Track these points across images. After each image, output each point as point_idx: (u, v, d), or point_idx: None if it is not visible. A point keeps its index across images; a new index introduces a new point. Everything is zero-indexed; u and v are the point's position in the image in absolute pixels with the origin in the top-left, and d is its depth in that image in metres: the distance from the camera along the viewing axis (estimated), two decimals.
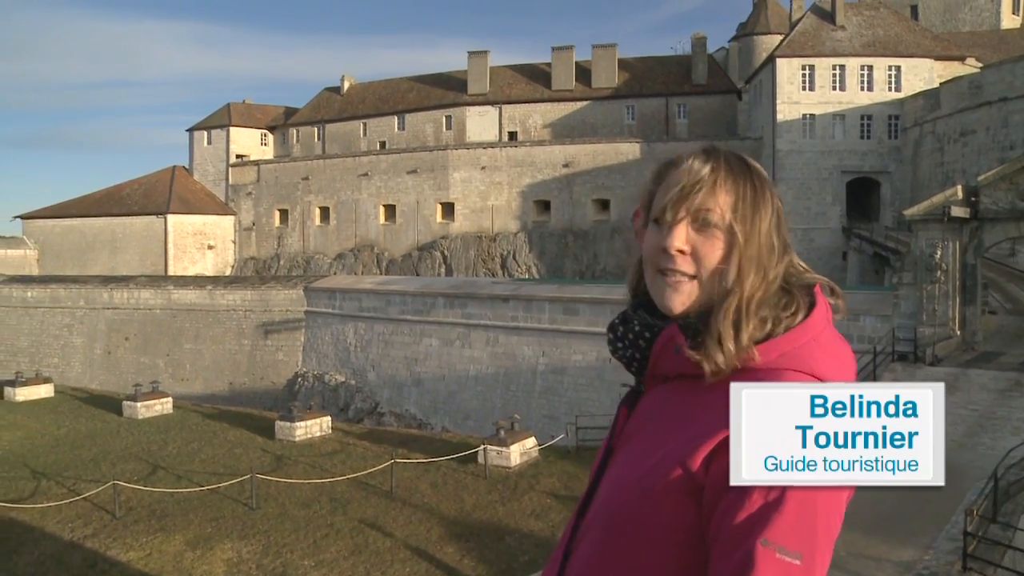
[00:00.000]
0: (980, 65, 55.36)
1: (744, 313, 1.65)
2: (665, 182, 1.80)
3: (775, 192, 1.77)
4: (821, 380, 1.62)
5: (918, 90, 54.90)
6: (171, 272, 69.19)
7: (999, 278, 40.12)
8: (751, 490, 1.49)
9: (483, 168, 67.06)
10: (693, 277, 1.70)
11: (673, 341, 1.72)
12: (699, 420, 1.60)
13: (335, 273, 64.55)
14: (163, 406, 33.40)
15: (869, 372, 25.58)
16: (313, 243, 73.26)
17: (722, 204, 1.70)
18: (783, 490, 1.49)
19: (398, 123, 76.86)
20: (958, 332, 29.71)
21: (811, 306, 1.72)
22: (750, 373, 1.61)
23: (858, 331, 31.20)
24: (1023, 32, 72.42)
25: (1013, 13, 78.48)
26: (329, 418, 30.08)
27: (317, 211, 73.62)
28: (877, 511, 13.94)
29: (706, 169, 1.73)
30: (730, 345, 1.62)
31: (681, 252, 1.70)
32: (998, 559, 13.29)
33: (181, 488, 22.59)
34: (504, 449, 23.99)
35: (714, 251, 1.69)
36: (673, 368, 1.73)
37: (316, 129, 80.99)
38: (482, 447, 24.18)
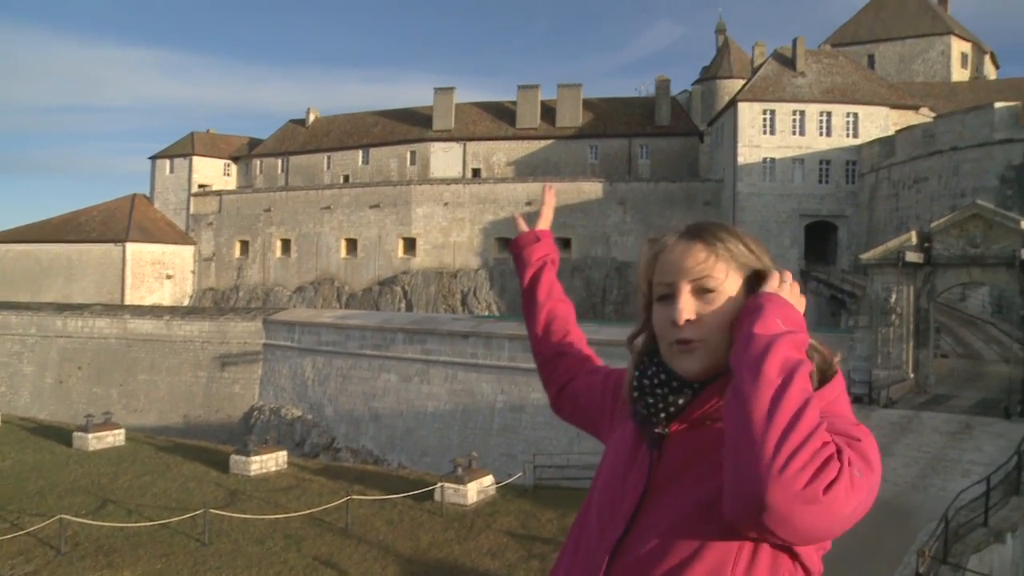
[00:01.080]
0: (933, 115, 56.72)
1: None
2: (659, 262, 1.95)
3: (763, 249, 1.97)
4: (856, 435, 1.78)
5: (874, 137, 56.13)
6: (128, 301, 68.26)
7: (950, 322, 40.80)
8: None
9: (446, 204, 67.23)
10: (702, 341, 1.86)
11: None
12: None
13: (295, 306, 64.14)
14: (115, 438, 32.77)
15: None
16: (273, 275, 72.81)
17: (718, 270, 1.87)
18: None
19: (362, 157, 76.95)
20: (911, 375, 30.17)
21: (831, 360, 1.90)
22: None
23: None
24: (972, 85, 74.49)
25: (962, 67, 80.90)
26: (285, 453, 29.73)
27: (278, 243, 73.27)
28: (832, 552, 13.97)
29: (695, 242, 1.91)
30: None
31: (689, 321, 1.85)
32: None
33: (131, 523, 22.13)
34: (461, 487, 23.84)
35: (719, 313, 1.86)
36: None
37: (280, 161, 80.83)
38: (439, 484, 24.01)
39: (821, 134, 57.80)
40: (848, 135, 57.78)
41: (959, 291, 39.89)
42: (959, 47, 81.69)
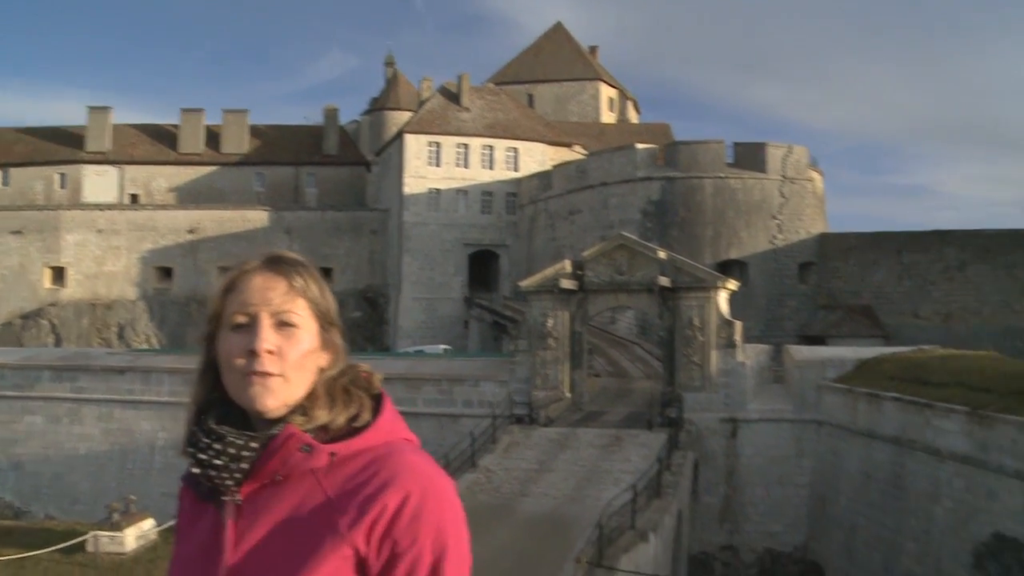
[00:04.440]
0: (585, 152, 61.45)
1: (343, 398, 1.88)
2: (237, 289, 1.87)
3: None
4: (414, 442, 1.91)
5: (533, 171, 59.70)
6: None
7: (602, 344, 43.93)
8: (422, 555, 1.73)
9: (100, 231, 63.02)
10: (280, 375, 1.80)
11: (298, 441, 1.78)
12: (349, 504, 1.74)
13: None
14: None
15: (489, 435, 26.77)
16: None
17: (299, 305, 1.85)
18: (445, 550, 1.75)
19: (2, 178, 70.08)
20: (568, 394, 32.14)
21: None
22: (379, 449, 1.81)
23: (479, 396, 32.81)
24: (618, 127, 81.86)
25: (610, 110, 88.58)
26: None
27: None
28: (500, 567, 14.55)
29: (279, 275, 1.87)
30: (342, 427, 1.84)
31: (270, 352, 1.80)
32: None
33: None
34: (118, 534, 22.14)
35: (297, 348, 1.83)
36: (299, 467, 1.78)
37: None
38: (91, 534, 22.14)
39: (484, 167, 60.61)
40: (509, 168, 61.02)
41: (609, 315, 43.02)
42: (607, 92, 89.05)
